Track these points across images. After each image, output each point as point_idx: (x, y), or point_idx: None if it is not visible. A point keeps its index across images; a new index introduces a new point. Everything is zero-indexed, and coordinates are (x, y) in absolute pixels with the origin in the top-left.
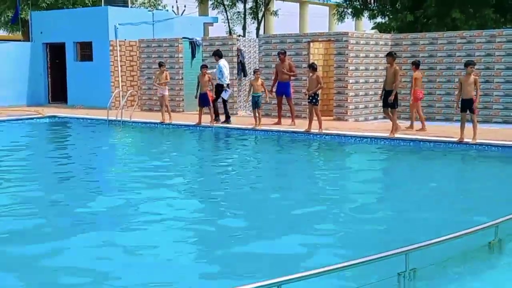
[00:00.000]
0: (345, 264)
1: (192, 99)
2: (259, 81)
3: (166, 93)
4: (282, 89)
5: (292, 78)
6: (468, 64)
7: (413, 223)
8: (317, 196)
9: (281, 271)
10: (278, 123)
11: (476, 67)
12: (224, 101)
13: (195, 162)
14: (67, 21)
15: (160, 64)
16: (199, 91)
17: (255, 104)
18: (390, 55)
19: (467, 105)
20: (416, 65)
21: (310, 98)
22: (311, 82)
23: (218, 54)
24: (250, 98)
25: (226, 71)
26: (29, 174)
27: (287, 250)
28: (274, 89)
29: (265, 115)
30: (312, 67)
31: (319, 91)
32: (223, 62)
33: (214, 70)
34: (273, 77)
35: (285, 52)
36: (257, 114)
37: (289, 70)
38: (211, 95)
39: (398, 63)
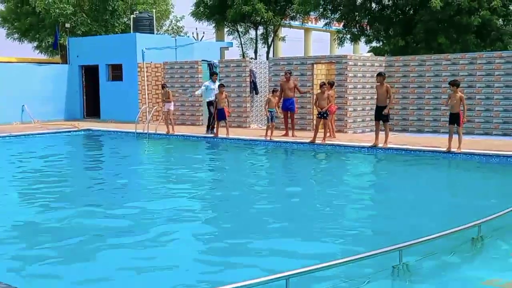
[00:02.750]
0: (347, 259)
1: None
2: (276, 99)
3: (172, 108)
4: (288, 105)
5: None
6: (453, 83)
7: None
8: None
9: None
10: (286, 135)
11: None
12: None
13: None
14: (100, 46)
15: (163, 86)
16: (216, 107)
17: (271, 117)
18: (381, 75)
19: (454, 118)
20: (331, 84)
21: (322, 113)
22: (323, 99)
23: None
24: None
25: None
26: (64, 178)
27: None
28: (280, 105)
29: (275, 128)
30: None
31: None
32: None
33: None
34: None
35: (291, 72)
36: (270, 127)
37: (294, 89)
38: (227, 110)
39: (390, 82)
